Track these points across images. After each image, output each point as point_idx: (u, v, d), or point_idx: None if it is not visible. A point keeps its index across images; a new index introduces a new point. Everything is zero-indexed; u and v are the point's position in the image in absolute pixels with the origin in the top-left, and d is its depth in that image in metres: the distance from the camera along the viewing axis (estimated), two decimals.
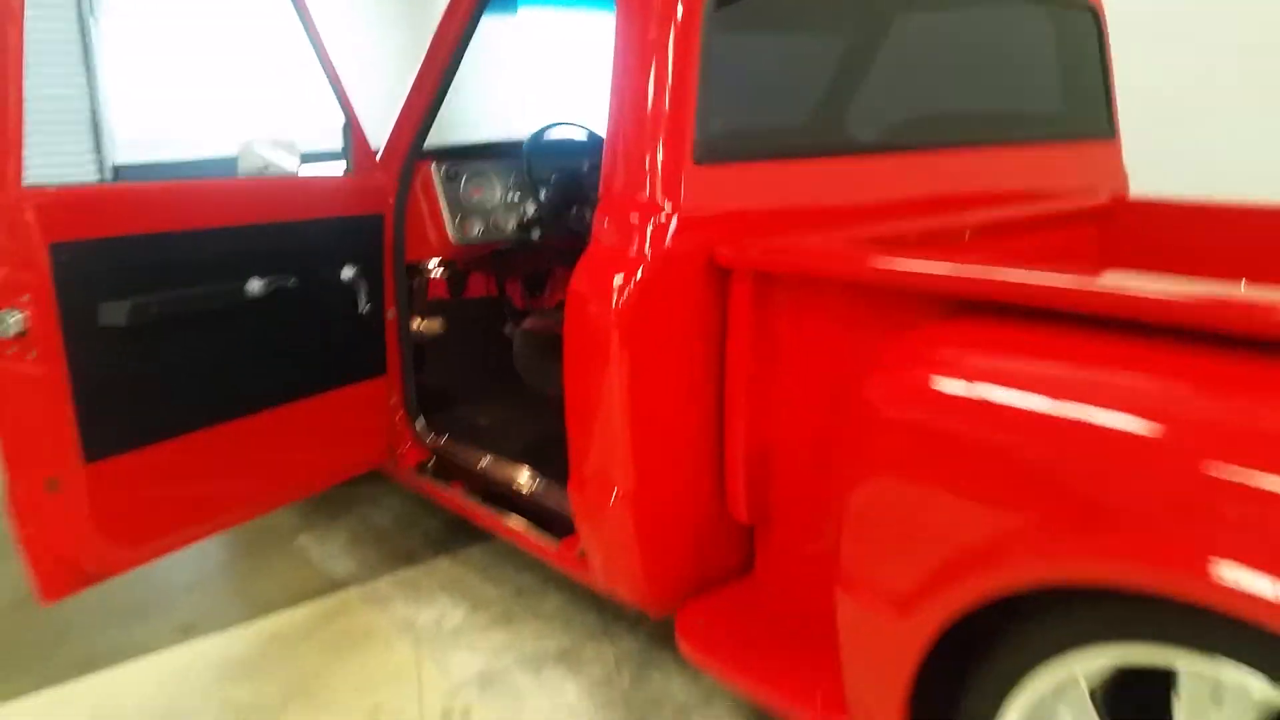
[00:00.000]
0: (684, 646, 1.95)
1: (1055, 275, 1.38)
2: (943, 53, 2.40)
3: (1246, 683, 1.16)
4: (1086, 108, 2.81)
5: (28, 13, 1.96)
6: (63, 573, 2.11)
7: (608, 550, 2.04)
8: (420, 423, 2.82)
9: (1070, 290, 1.35)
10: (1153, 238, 2.67)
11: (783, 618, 2.00)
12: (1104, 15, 2.79)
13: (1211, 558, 1.11)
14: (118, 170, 7.51)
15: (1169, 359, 1.24)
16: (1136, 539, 1.18)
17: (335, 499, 3.34)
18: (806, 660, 1.85)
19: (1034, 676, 1.35)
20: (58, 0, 7.11)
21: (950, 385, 1.38)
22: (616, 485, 1.94)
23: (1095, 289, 1.33)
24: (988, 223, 2.31)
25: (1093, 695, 1.35)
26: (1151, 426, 1.17)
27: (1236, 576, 1.09)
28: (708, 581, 2.12)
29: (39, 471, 2.03)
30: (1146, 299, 1.27)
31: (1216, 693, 1.23)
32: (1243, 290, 1.23)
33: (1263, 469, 1.08)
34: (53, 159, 7.10)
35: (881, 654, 1.50)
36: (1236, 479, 1.09)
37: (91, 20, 7.21)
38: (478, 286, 3.53)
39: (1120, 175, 2.88)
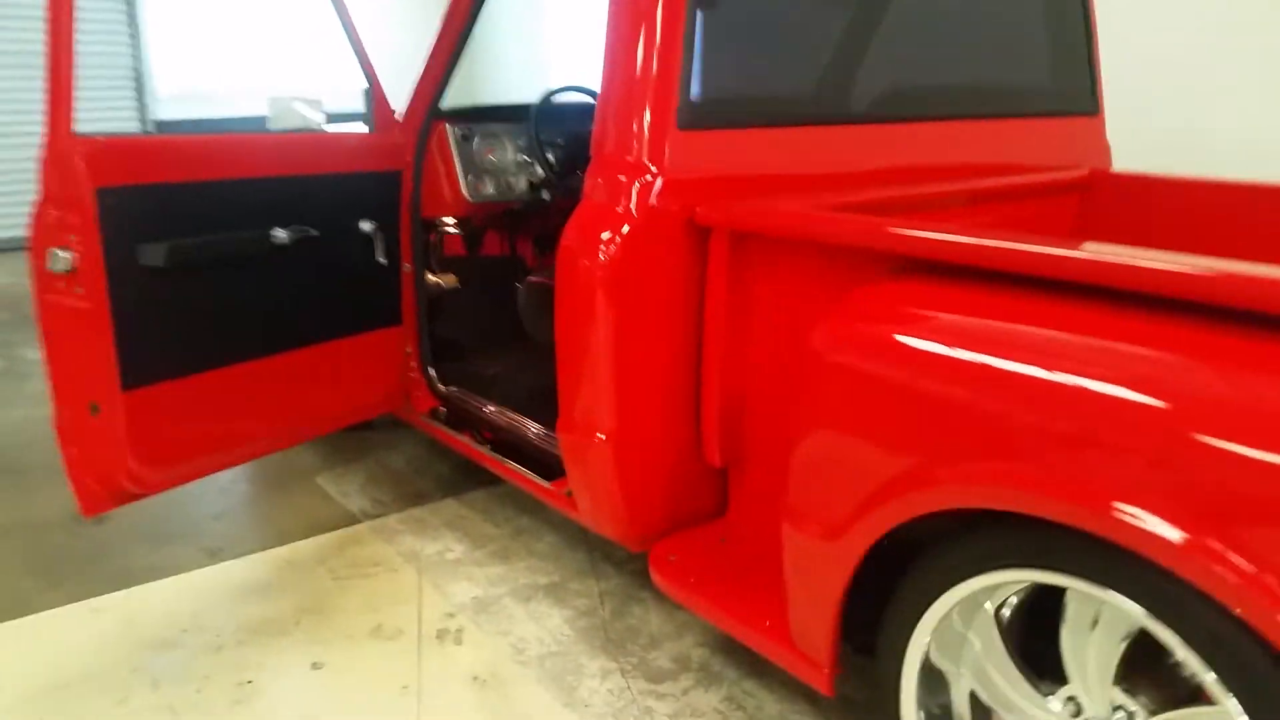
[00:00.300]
0: (656, 577, 2.13)
1: (975, 238, 1.51)
2: (924, 26, 2.52)
3: (1123, 607, 1.31)
4: (1070, 83, 2.90)
5: None
6: (101, 490, 2.33)
7: (592, 489, 2.22)
8: (432, 371, 3.00)
9: (989, 249, 1.49)
10: (1128, 210, 2.78)
11: (748, 555, 2.17)
12: None
13: (1107, 495, 1.25)
14: (159, 125, 7.77)
15: (1079, 315, 1.38)
16: (1040, 473, 1.33)
17: (353, 443, 3.55)
18: (764, 592, 2.01)
19: (943, 597, 1.51)
20: None
21: (879, 335, 1.54)
22: (600, 428, 2.11)
23: (1005, 248, 1.47)
24: (964, 192, 2.44)
25: (996, 618, 1.51)
26: (1056, 374, 1.32)
27: (1128, 513, 1.22)
28: (684, 521, 2.29)
29: (83, 396, 2.24)
30: (1052, 257, 1.41)
31: (1095, 616, 1.39)
32: (1132, 252, 1.36)
33: (1152, 419, 1.22)
34: (95, 114, 7.35)
35: (817, 578, 1.67)
36: (1131, 426, 1.24)
37: None
38: (493, 245, 3.71)
39: (1103, 150, 2.97)
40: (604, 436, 2.11)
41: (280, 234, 2.51)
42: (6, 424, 3.77)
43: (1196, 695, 1.30)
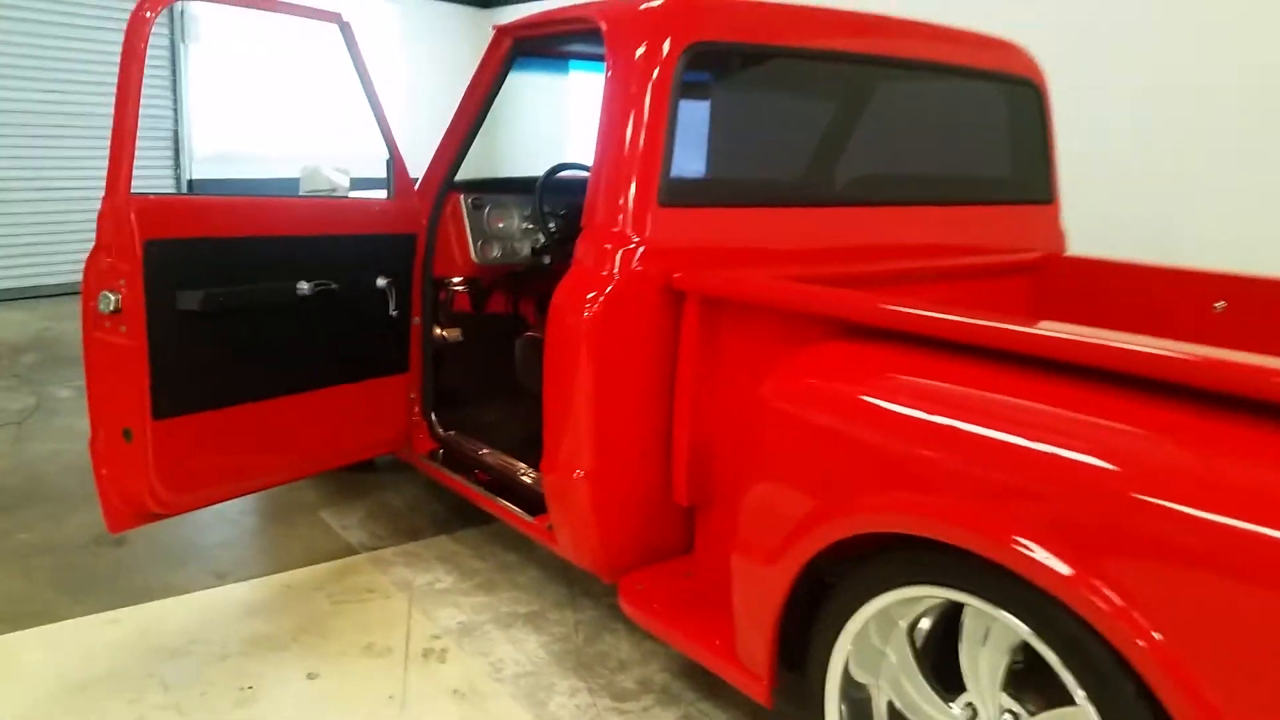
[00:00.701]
0: (624, 603, 2.35)
1: (899, 307, 1.78)
2: (889, 120, 2.82)
3: (1011, 625, 1.54)
4: (1027, 174, 3.19)
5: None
6: (127, 510, 2.57)
7: (570, 523, 2.45)
8: (434, 416, 3.26)
9: (913, 317, 1.76)
10: (1077, 290, 3.05)
11: (709, 587, 2.39)
12: (1045, 90, 3.18)
13: (1007, 529, 1.48)
14: (191, 185, 8.17)
15: (985, 374, 1.63)
16: (947, 506, 1.57)
17: (355, 482, 3.80)
18: (719, 620, 2.23)
19: (860, 611, 1.74)
20: (155, 27, 7.83)
21: (816, 387, 1.79)
22: (579, 466, 2.36)
23: (925, 316, 1.73)
24: (922, 270, 2.72)
25: (909, 636, 1.74)
26: (965, 424, 1.56)
27: (1024, 545, 1.46)
28: (654, 555, 2.51)
29: (118, 423, 2.50)
30: (956, 323, 1.67)
31: (987, 632, 1.62)
32: (1019, 322, 1.62)
33: (1047, 466, 1.45)
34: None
35: (757, 600, 1.90)
36: (1028, 472, 1.48)
37: (182, 46, 7.90)
38: (498, 304, 3.99)
39: (1057, 235, 3.25)
40: (582, 474, 2.36)
41: (304, 286, 2.79)
42: (38, 455, 4.03)
43: (1064, 698, 1.52)
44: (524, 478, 2.92)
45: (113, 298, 2.41)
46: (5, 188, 7.37)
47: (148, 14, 2.41)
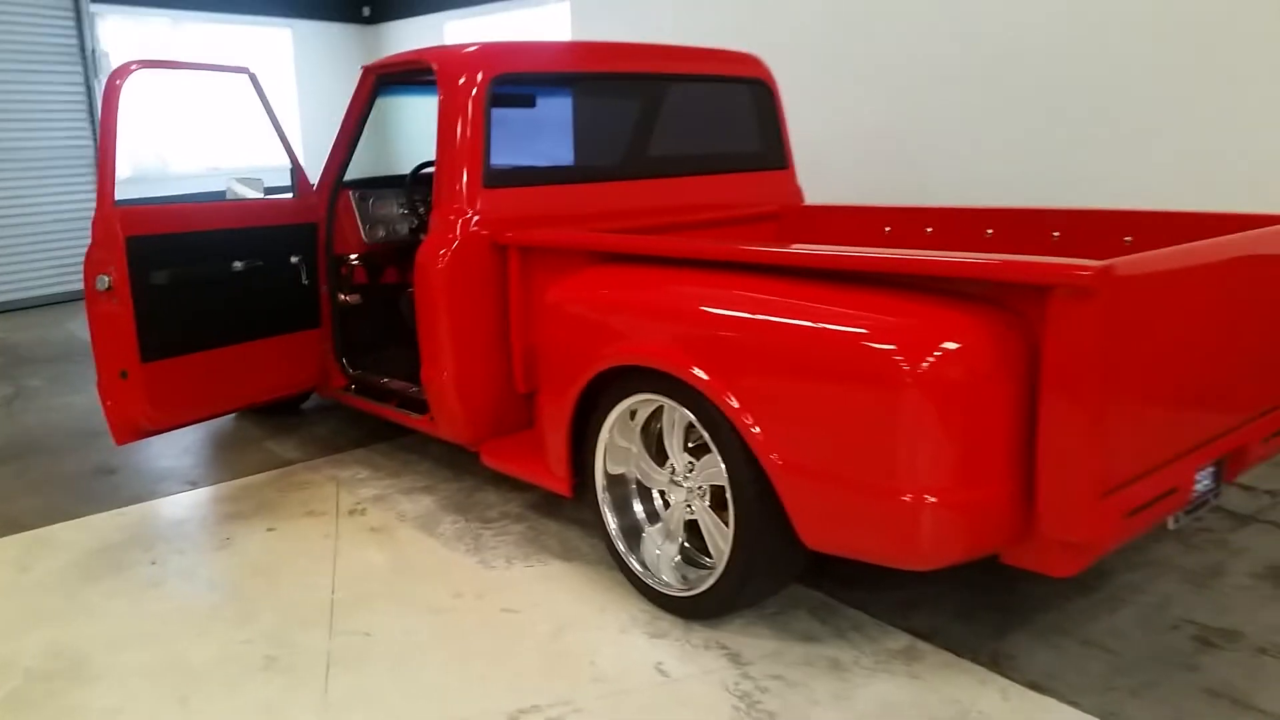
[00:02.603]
0: (484, 456, 3.47)
1: (617, 236, 2.94)
2: (653, 116, 3.99)
3: (685, 414, 2.71)
4: (767, 149, 4.40)
5: (42, 75, 3.52)
6: (128, 427, 3.62)
7: (443, 411, 3.57)
8: (344, 360, 4.33)
9: (618, 240, 2.92)
10: (810, 229, 4.27)
11: (539, 444, 3.53)
12: (775, 86, 4.38)
13: (681, 360, 2.63)
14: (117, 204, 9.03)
15: (667, 274, 2.80)
16: (651, 348, 2.73)
17: (290, 422, 4.85)
18: (543, 458, 3.38)
19: (609, 416, 2.90)
20: (69, 66, 8.68)
21: (573, 289, 2.95)
22: (445, 371, 3.47)
23: (625, 238, 2.90)
24: (686, 222, 3.90)
25: (642, 431, 2.91)
26: (658, 299, 2.73)
27: (690, 369, 2.62)
28: (506, 430, 3.64)
29: (115, 366, 3.54)
30: (642, 243, 2.84)
31: (675, 420, 2.79)
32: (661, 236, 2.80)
33: (702, 321, 2.63)
34: (63, 197, 8.60)
35: (554, 423, 3.05)
36: (693, 325, 2.65)
37: (95, 82, 8.74)
38: (393, 275, 5.07)
39: (795, 191, 4.47)
40: (448, 375, 3.47)
41: (238, 264, 3.85)
42: (30, 425, 5.00)
43: (708, 450, 2.70)
44: (412, 392, 4.02)
45: (106, 279, 3.45)
46: None
47: (118, 82, 3.46)
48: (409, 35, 11.02)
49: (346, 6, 11.40)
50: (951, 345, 2.16)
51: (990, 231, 3.76)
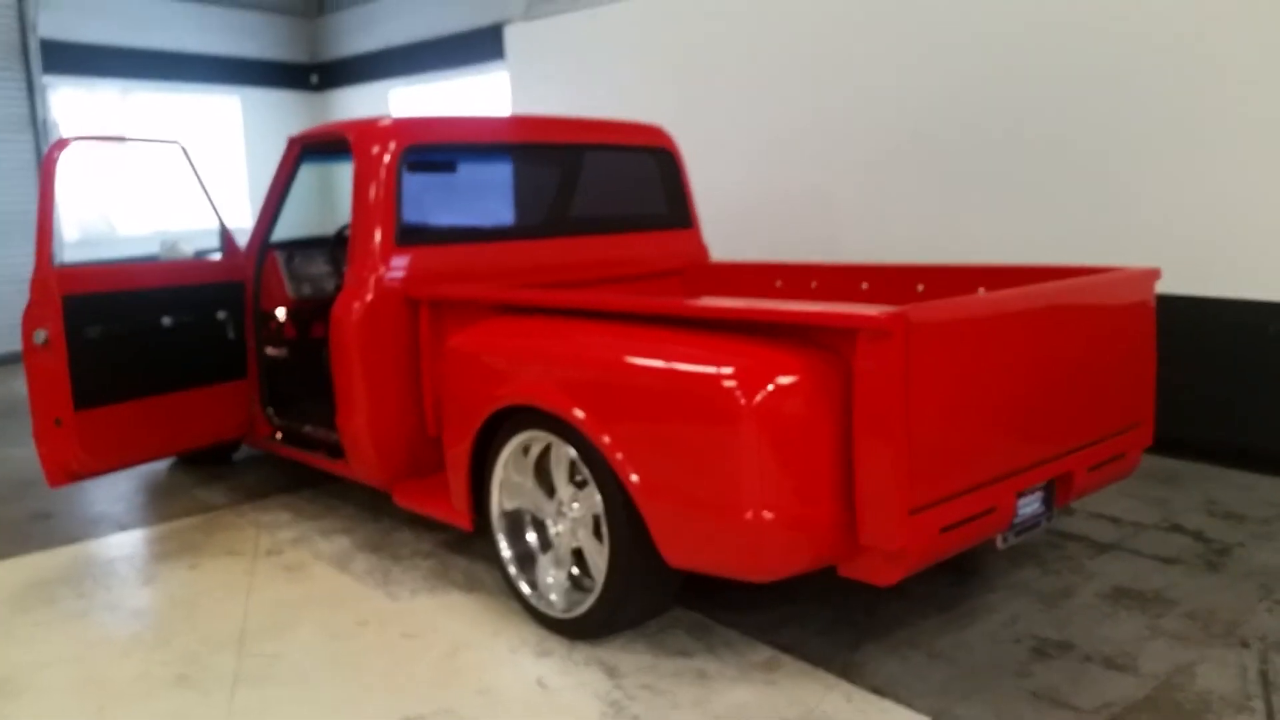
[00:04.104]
0: (396, 496, 3.72)
1: (512, 291, 3.25)
2: (559, 182, 4.34)
3: (568, 451, 2.99)
4: (672, 210, 4.74)
5: None
6: (61, 471, 3.83)
7: (356, 455, 3.82)
8: (269, 409, 4.57)
9: (510, 295, 3.22)
10: (711, 283, 4.61)
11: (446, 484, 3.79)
12: (678, 153, 4.75)
13: (563, 401, 2.92)
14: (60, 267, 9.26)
15: (553, 324, 3.10)
16: (538, 390, 3.02)
17: (219, 472, 5.06)
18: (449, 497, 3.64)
19: (503, 452, 3.18)
20: (21, 135, 8.96)
21: (472, 338, 3.25)
22: (358, 416, 3.73)
23: (515, 294, 3.20)
24: (591, 278, 4.22)
25: (534, 466, 3.19)
26: (541, 347, 3.03)
27: (570, 410, 2.91)
28: (418, 472, 3.89)
29: (50, 414, 3.77)
30: (532, 298, 3.15)
31: (561, 456, 3.07)
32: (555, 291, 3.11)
33: (582, 364, 2.93)
34: (14, 261, 8.78)
35: (456, 462, 3.32)
36: (573, 369, 2.95)
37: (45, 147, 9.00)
38: (318, 330, 5.33)
39: (700, 248, 4.81)
40: (360, 420, 3.73)
41: (166, 320, 4.11)
42: None
43: (586, 483, 2.98)
44: (332, 439, 4.27)
45: (43, 333, 3.69)
46: None
47: (55, 154, 3.75)
48: (356, 102, 11.41)
49: (295, 75, 11.79)
50: (783, 381, 2.48)
51: (865, 285, 4.12)
